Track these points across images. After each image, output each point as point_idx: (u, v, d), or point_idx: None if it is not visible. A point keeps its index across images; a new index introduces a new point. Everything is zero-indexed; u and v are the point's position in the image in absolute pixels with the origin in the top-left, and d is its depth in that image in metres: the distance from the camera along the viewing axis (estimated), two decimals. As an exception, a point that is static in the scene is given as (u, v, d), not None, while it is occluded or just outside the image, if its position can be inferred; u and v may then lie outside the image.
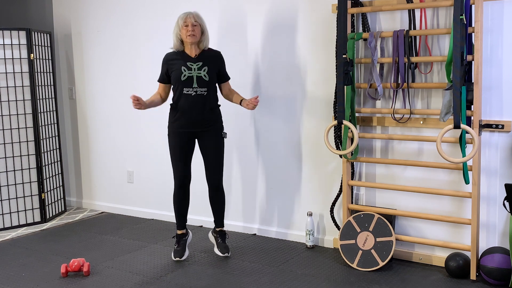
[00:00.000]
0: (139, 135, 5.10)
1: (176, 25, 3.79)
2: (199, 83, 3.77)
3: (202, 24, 3.80)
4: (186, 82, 3.76)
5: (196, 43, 3.80)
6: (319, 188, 4.17)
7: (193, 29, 3.73)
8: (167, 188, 4.86)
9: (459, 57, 3.26)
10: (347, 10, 3.68)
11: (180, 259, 3.93)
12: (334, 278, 3.53)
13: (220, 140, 3.91)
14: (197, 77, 3.76)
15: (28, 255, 4.15)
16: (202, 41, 3.81)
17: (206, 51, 3.86)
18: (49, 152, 5.18)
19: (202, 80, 3.77)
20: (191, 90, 3.76)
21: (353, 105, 3.78)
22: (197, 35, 3.75)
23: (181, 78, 3.75)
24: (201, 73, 3.76)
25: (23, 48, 4.89)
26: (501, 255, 3.32)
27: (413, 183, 3.78)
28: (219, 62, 3.90)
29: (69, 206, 5.69)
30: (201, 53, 3.83)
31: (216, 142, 3.88)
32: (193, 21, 3.74)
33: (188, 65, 3.77)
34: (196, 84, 3.76)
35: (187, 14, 3.77)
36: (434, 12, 3.58)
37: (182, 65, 3.77)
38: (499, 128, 3.40)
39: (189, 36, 3.73)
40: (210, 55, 3.86)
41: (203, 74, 3.77)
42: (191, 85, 3.76)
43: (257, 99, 3.77)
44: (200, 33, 3.78)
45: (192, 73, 3.76)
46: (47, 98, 5.16)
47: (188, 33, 3.72)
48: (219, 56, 3.92)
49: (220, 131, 3.91)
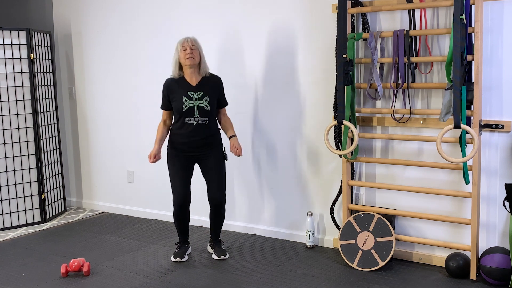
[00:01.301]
0: (139, 135, 5.10)
1: (175, 50, 3.81)
2: (201, 113, 3.78)
3: (200, 49, 3.82)
4: (188, 112, 3.77)
5: (195, 68, 3.80)
6: (319, 188, 4.18)
7: (191, 52, 3.74)
8: (167, 188, 4.85)
9: (459, 57, 3.26)
10: (347, 10, 3.68)
11: (181, 260, 3.93)
12: (334, 278, 3.53)
13: (221, 161, 3.91)
14: (199, 107, 3.77)
15: (28, 255, 4.15)
16: (201, 67, 3.82)
17: (206, 77, 3.86)
18: (49, 152, 5.18)
19: (203, 110, 3.78)
20: (193, 119, 3.78)
21: (353, 105, 3.78)
22: (195, 58, 3.76)
23: (183, 109, 3.76)
24: (203, 103, 3.77)
25: (23, 48, 4.89)
26: (501, 255, 3.32)
27: (413, 183, 3.78)
28: (219, 89, 3.91)
29: (69, 206, 5.69)
30: (201, 81, 3.83)
31: (217, 164, 3.88)
32: (191, 45, 3.76)
33: (189, 94, 3.77)
34: (198, 114, 3.78)
35: (185, 38, 3.79)
36: (434, 12, 3.58)
37: (183, 95, 3.77)
38: (499, 128, 3.40)
39: (188, 59, 3.73)
40: (210, 82, 3.86)
41: (205, 104, 3.78)
42: (193, 115, 3.78)
43: (239, 152, 3.84)
44: (199, 56, 3.79)
45: (193, 103, 3.76)
46: (47, 98, 5.16)
47: (187, 56, 3.73)
48: (219, 82, 3.92)
49: (221, 153, 3.92)
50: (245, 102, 4.43)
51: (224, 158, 3.93)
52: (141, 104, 5.03)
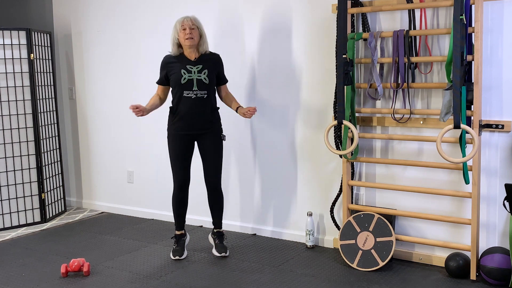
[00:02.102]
0: (139, 135, 5.10)
1: (174, 29, 3.79)
2: (199, 86, 3.78)
3: (200, 28, 3.81)
4: (186, 85, 3.76)
5: (195, 47, 3.80)
6: (319, 188, 4.17)
7: (190, 32, 3.73)
8: (167, 188, 4.85)
9: (459, 57, 3.26)
10: (347, 10, 3.68)
11: (180, 258, 3.94)
12: (334, 278, 3.53)
13: (219, 142, 3.92)
14: (197, 80, 3.77)
15: (28, 255, 4.15)
16: (201, 44, 3.82)
17: (205, 54, 3.86)
18: (49, 152, 5.18)
19: (202, 83, 3.78)
20: (191, 93, 3.77)
21: (353, 105, 3.78)
22: (195, 38, 3.76)
23: (181, 81, 3.76)
24: (201, 76, 3.77)
25: (23, 48, 4.89)
26: (501, 255, 3.32)
27: (413, 183, 3.78)
28: (218, 65, 3.91)
29: (69, 206, 5.69)
30: (200, 57, 3.83)
31: (215, 144, 3.89)
32: (191, 24, 3.74)
33: (188, 68, 3.77)
34: (196, 87, 3.77)
35: (185, 18, 3.77)
36: (434, 12, 3.58)
37: (181, 68, 3.77)
38: (499, 128, 3.40)
39: (187, 39, 3.73)
40: (210, 58, 3.87)
41: (203, 77, 3.77)
42: (191, 88, 3.77)
43: (255, 109, 3.79)
44: (199, 36, 3.79)
45: (192, 76, 3.76)
46: (47, 98, 5.16)
47: (186, 36, 3.72)
48: (218, 59, 3.93)
49: (219, 133, 3.92)
50: (245, 102, 4.43)
51: (222, 139, 3.93)
52: (141, 104, 5.02)
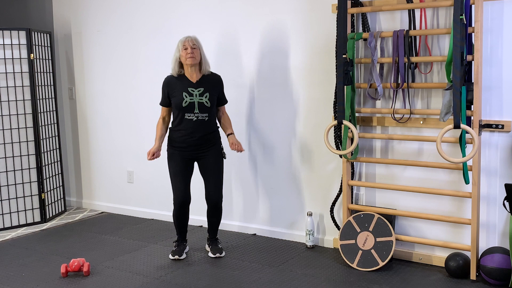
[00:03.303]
0: (139, 135, 5.10)
1: (176, 49, 3.83)
2: (201, 109, 3.80)
3: (201, 48, 3.84)
4: (188, 108, 3.79)
5: (196, 66, 3.83)
6: (319, 188, 4.17)
7: (192, 51, 3.77)
8: (167, 188, 4.85)
9: (459, 57, 3.26)
10: (347, 10, 3.68)
11: (179, 257, 3.95)
12: (334, 278, 3.53)
13: (220, 160, 3.93)
14: (199, 103, 3.79)
15: (28, 255, 4.15)
16: (202, 64, 3.85)
17: (207, 75, 3.88)
18: (49, 152, 5.18)
19: (203, 106, 3.80)
20: (193, 115, 3.80)
21: (353, 105, 3.78)
22: (196, 57, 3.79)
23: (183, 105, 3.78)
24: (203, 99, 3.80)
25: (23, 48, 4.89)
26: (501, 255, 3.32)
27: (413, 183, 3.78)
28: (219, 86, 3.94)
29: (69, 206, 5.69)
30: (202, 78, 3.85)
31: (215, 162, 3.91)
32: (192, 44, 3.78)
33: (190, 90, 3.79)
34: (198, 110, 3.80)
35: (186, 37, 3.81)
36: (434, 12, 3.58)
37: (183, 91, 3.79)
38: (499, 128, 3.40)
39: (189, 58, 3.76)
40: (211, 80, 3.89)
41: (205, 100, 3.80)
42: (193, 110, 3.79)
43: (241, 150, 3.88)
44: (200, 55, 3.82)
45: (193, 99, 3.78)
46: (47, 98, 5.16)
47: (187, 55, 3.76)
48: (219, 80, 3.95)
49: (220, 151, 3.93)
50: (244, 102, 4.43)
51: (223, 157, 3.95)
52: (141, 104, 5.03)
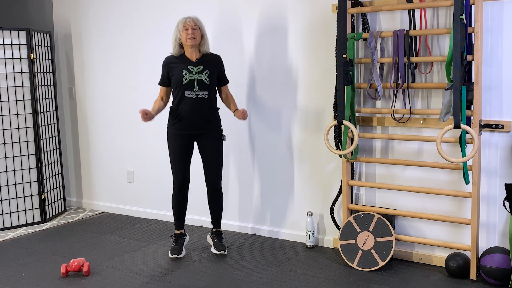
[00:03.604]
0: (139, 135, 5.10)
1: (176, 29, 3.82)
2: (200, 86, 3.80)
3: (202, 28, 3.85)
4: (187, 86, 3.79)
5: (196, 47, 3.84)
6: (319, 188, 4.17)
7: (193, 32, 3.77)
8: (167, 188, 4.86)
9: (459, 57, 3.26)
10: (347, 10, 3.68)
11: (178, 256, 3.96)
12: (334, 278, 3.53)
13: (219, 142, 3.94)
14: (198, 80, 3.80)
15: (28, 255, 4.15)
16: (202, 45, 3.86)
17: (206, 55, 3.90)
18: (49, 152, 5.18)
19: (203, 84, 3.81)
20: (192, 93, 3.80)
21: (353, 105, 3.78)
22: (197, 38, 3.79)
23: (183, 82, 3.79)
24: (202, 76, 3.80)
25: (23, 48, 4.89)
26: (501, 255, 3.32)
27: (413, 183, 3.78)
28: (219, 66, 3.95)
29: (69, 206, 5.69)
30: (202, 57, 3.87)
31: (215, 144, 3.91)
32: (193, 25, 3.78)
33: (189, 68, 3.80)
34: (197, 87, 3.80)
35: (187, 18, 3.81)
36: (434, 12, 3.58)
37: (183, 69, 3.80)
38: (499, 128, 3.40)
39: (189, 39, 3.77)
40: (211, 59, 3.90)
41: (204, 77, 3.81)
42: (192, 88, 3.80)
43: (244, 111, 3.83)
44: (200, 36, 3.83)
45: (193, 76, 3.79)
46: (47, 98, 5.16)
47: (188, 36, 3.76)
48: (219, 60, 3.96)
49: (220, 133, 3.94)
50: (244, 102, 4.43)
51: (222, 139, 3.96)
52: (141, 104, 5.02)
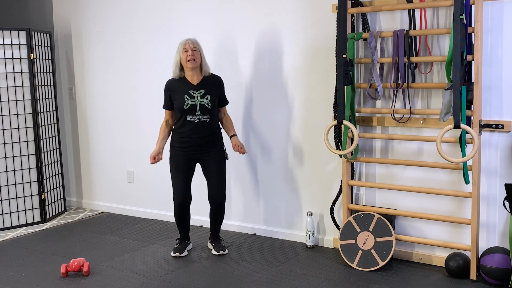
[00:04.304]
0: (139, 135, 5.10)
1: (177, 52, 3.85)
2: (202, 110, 3.83)
3: (201, 51, 3.87)
4: (189, 110, 3.82)
5: (196, 69, 3.86)
6: (319, 188, 4.17)
7: (192, 53, 3.79)
8: (167, 188, 4.86)
9: (459, 57, 3.26)
10: (347, 10, 3.68)
11: (180, 255, 3.98)
12: (334, 278, 3.53)
13: (222, 161, 3.96)
14: (200, 105, 3.82)
15: (28, 255, 4.15)
16: (202, 67, 3.87)
17: (207, 77, 3.91)
18: (49, 152, 5.18)
19: (205, 108, 3.83)
20: (194, 117, 3.83)
21: (353, 105, 3.78)
22: (197, 60, 3.81)
23: (184, 107, 3.80)
24: (204, 101, 3.82)
25: (23, 48, 4.89)
26: (501, 255, 3.32)
27: (413, 183, 3.78)
28: (220, 88, 3.97)
29: (69, 206, 5.69)
30: (203, 80, 3.88)
31: (218, 163, 3.93)
32: (192, 46, 3.81)
33: (191, 93, 3.82)
34: (199, 112, 3.83)
35: (186, 40, 3.84)
36: (434, 12, 3.58)
37: (184, 94, 3.82)
38: (499, 128, 3.40)
39: (189, 61, 3.78)
40: (211, 82, 3.91)
41: (206, 102, 3.83)
42: (194, 112, 3.82)
43: (243, 147, 3.92)
44: (200, 58, 3.84)
45: (195, 101, 3.81)
46: (47, 98, 5.16)
47: (188, 58, 3.78)
48: (220, 82, 3.98)
49: (222, 152, 3.96)
50: (244, 102, 4.43)
51: (225, 158, 3.95)
52: (141, 104, 5.03)
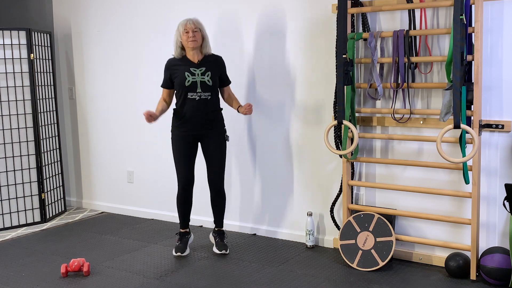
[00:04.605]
0: (139, 135, 5.10)
1: (177, 32, 3.85)
2: (203, 88, 3.83)
3: (202, 30, 3.87)
4: (190, 87, 3.82)
5: (198, 49, 3.87)
6: (319, 188, 4.17)
7: (193, 34, 3.79)
8: (167, 188, 4.86)
9: (459, 57, 3.26)
10: (347, 10, 3.68)
11: (182, 254, 3.98)
12: (334, 278, 3.53)
13: (223, 143, 3.97)
14: (201, 82, 3.83)
15: (28, 255, 4.15)
16: (204, 46, 3.88)
17: (208, 56, 3.92)
18: (49, 152, 5.18)
19: (205, 85, 3.83)
20: (195, 94, 3.83)
21: (353, 105, 3.78)
22: (198, 40, 3.82)
23: (185, 84, 3.81)
24: (205, 78, 3.83)
25: (23, 48, 4.89)
26: (501, 255, 3.32)
27: (413, 183, 3.78)
28: (221, 67, 3.98)
29: (69, 206, 5.69)
30: (204, 59, 3.89)
31: (218, 144, 3.94)
32: (193, 27, 3.81)
33: (192, 70, 3.83)
34: (200, 89, 3.83)
35: (187, 20, 3.83)
36: (434, 12, 3.58)
37: (185, 71, 3.83)
38: (499, 128, 3.40)
39: (191, 41, 3.79)
40: (212, 60, 3.92)
41: (207, 79, 3.83)
42: (195, 90, 3.83)
43: (250, 105, 3.86)
44: (201, 38, 3.85)
45: (195, 78, 3.81)
46: (47, 98, 5.16)
47: (189, 38, 3.79)
48: (221, 61, 3.99)
49: (223, 134, 3.97)
50: (245, 102, 4.43)
51: (226, 139, 3.98)
52: (141, 104, 5.03)
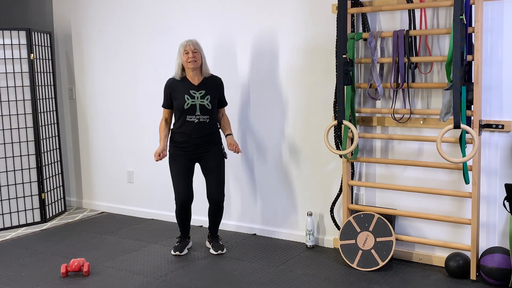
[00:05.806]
0: (139, 135, 5.10)
1: (178, 54, 3.88)
2: (202, 111, 3.85)
3: (201, 51, 3.89)
4: (189, 110, 3.84)
5: (197, 70, 3.88)
6: (319, 188, 4.17)
7: (193, 55, 3.82)
8: (167, 188, 4.86)
9: (459, 57, 3.26)
10: (347, 10, 3.68)
11: (180, 254, 3.99)
12: (334, 278, 3.53)
13: (221, 160, 3.99)
14: (200, 105, 3.84)
15: (28, 255, 4.15)
16: (202, 68, 3.90)
17: (208, 78, 3.93)
18: (49, 152, 5.18)
19: (205, 109, 3.86)
20: (194, 117, 3.85)
21: (353, 105, 3.78)
22: (198, 61, 3.84)
23: (184, 107, 3.82)
24: (204, 102, 3.85)
25: (23, 48, 4.89)
26: (501, 255, 3.32)
27: (413, 183, 3.78)
28: (220, 89, 4.00)
29: (69, 206, 5.69)
30: (203, 81, 3.90)
31: (217, 163, 3.96)
32: (193, 48, 3.83)
33: (191, 93, 3.84)
34: (199, 112, 3.85)
35: (187, 42, 3.86)
36: (434, 12, 3.58)
37: (185, 93, 3.84)
38: (499, 128, 3.40)
39: (190, 62, 3.81)
40: (212, 83, 3.94)
41: (206, 102, 3.85)
42: (194, 112, 3.85)
43: (237, 147, 3.92)
44: (201, 59, 3.87)
45: (195, 101, 3.84)
46: (47, 98, 5.16)
47: (189, 59, 3.81)
48: (220, 83, 4.01)
49: (221, 152, 3.98)
50: (244, 102, 4.43)
51: (224, 157, 3.96)
52: (141, 104, 5.03)
